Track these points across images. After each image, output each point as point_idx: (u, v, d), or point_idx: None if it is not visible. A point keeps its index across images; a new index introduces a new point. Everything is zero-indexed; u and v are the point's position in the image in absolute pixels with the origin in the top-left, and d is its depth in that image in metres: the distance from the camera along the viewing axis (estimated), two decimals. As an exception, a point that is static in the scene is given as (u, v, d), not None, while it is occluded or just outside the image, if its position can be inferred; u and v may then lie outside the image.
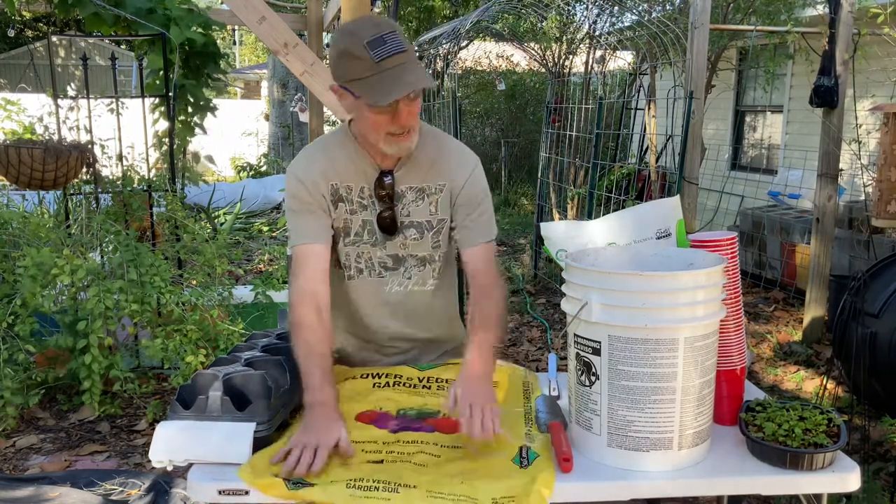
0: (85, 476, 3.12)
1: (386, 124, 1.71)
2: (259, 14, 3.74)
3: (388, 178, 1.83)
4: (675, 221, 1.81)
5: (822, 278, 4.92)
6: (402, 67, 1.64)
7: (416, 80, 1.65)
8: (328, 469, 1.49)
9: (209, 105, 5.25)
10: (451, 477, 1.47)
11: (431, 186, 1.87)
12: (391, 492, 1.40)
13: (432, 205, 1.87)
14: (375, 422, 1.71)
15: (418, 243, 1.89)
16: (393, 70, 1.64)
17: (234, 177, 13.09)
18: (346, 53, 1.67)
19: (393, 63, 1.64)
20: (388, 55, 1.63)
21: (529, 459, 1.53)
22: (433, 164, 1.86)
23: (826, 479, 1.51)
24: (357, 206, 1.86)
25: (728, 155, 8.69)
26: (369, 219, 1.87)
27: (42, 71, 12.83)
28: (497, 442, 1.60)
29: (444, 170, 1.87)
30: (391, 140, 1.74)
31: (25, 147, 3.69)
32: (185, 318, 3.56)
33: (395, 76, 1.64)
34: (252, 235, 7.78)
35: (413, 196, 1.86)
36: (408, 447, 1.59)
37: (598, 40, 6.91)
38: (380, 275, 1.91)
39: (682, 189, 4.60)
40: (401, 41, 1.65)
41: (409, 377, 1.91)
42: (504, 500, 1.40)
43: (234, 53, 26.45)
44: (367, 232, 1.87)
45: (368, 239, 1.88)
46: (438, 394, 1.84)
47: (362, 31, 1.65)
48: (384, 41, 1.63)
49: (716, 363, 1.60)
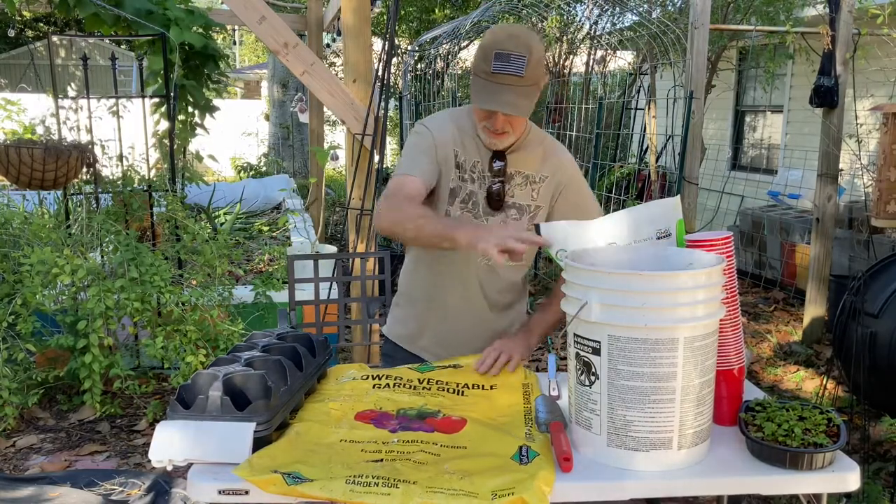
0: (85, 476, 3.12)
1: (483, 119, 1.94)
2: (259, 14, 3.73)
3: (500, 162, 2.01)
4: (675, 221, 1.81)
5: (822, 278, 4.92)
6: (509, 88, 1.83)
7: (511, 106, 1.84)
8: (324, 463, 1.50)
9: (209, 105, 5.26)
10: (451, 474, 1.47)
11: (537, 176, 2.06)
12: (391, 487, 1.41)
13: (535, 191, 2.07)
14: (375, 421, 1.71)
15: (517, 223, 2.06)
16: (500, 86, 1.83)
17: (234, 177, 13.08)
18: (481, 49, 1.87)
19: (504, 80, 1.83)
20: (504, 72, 1.82)
21: (529, 458, 1.53)
22: (540, 158, 2.06)
23: (826, 478, 1.51)
24: (468, 177, 2.04)
25: (728, 155, 8.69)
26: (476, 191, 2.04)
27: (42, 71, 12.84)
28: (497, 441, 1.60)
29: (548, 165, 2.07)
30: (485, 132, 1.96)
31: (25, 147, 3.69)
32: (185, 318, 3.56)
33: (497, 91, 1.84)
34: (252, 235, 7.77)
35: (520, 180, 2.05)
36: (408, 446, 1.59)
37: (598, 40, 6.91)
38: None
39: (682, 189, 4.60)
40: (522, 66, 1.82)
41: (409, 379, 1.92)
42: (503, 492, 1.40)
43: (234, 53, 26.44)
44: (472, 203, 2.05)
45: (472, 209, 2.05)
46: (438, 394, 1.84)
47: (501, 41, 1.84)
48: (509, 59, 1.82)
49: (716, 363, 1.60)
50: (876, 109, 4.13)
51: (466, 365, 2.00)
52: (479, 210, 2.05)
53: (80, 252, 3.65)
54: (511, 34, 1.86)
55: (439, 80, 8.06)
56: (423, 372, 1.95)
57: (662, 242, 1.78)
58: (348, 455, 1.54)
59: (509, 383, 1.92)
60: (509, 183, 2.04)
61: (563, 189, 2.08)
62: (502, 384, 1.91)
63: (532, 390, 1.90)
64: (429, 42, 8.81)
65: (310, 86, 3.84)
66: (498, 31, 1.89)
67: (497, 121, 1.91)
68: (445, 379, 1.92)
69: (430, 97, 7.91)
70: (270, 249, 6.45)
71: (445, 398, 1.84)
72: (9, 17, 13.36)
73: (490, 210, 2.04)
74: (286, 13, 8.01)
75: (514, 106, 1.85)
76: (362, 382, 1.90)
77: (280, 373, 1.71)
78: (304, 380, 1.77)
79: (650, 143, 7.00)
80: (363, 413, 1.75)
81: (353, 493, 1.39)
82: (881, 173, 3.73)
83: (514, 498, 1.38)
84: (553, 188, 2.08)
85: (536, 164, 2.06)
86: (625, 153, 9.17)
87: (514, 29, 1.92)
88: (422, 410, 1.76)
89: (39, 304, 3.37)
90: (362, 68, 3.87)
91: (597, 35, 6.91)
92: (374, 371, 1.95)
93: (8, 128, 5.02)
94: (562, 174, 2.08)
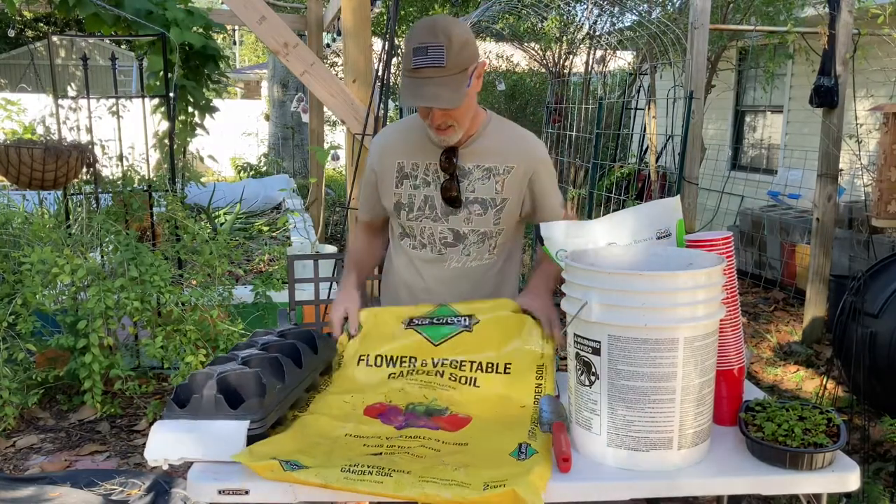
0: (85, 476, 3.12)
1: (425, 117, 1.90)
2: (259, 14, 3.74)
3: (448, 158, 1.97)
4: (675, 221, 1.81)
5: (822, 278, 4.92)
6: (431, 80, 1.77)
7: (434, 98, 1.79)
8: (325, 454, 1.51)
9: (209, 105, 5.26)
10: (446, 465, 1.49)
11: (500, 167, 2.00)
12: (384, 476, 1.42)
13: (499, 184, 2.00)
14: (382, 415, 1.72)
15: (482, 219, 2.01)
16: (423, 80, 1.78)
17: (234, 177, 13.08)
18: (404, 48, 1.84)
19: (425, 73, 1.78)
20: (423, 66, 1.78)
21: (528, 454, 1.54)
22: (503, 148, 2.00)
23: (826, 478, 1.51)
24: (421, 181, 2.02)
25: (728, 155, 8.69)
26: (432, 194, 2.01)
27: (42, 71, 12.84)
28: (499, 438, 1.61)
29: (514, 154, 2.00)
30: (431, 130, 1.92)
31: (25, 147, 3.69)
32: (185, 318, 3.56)
33: (420, 85, 1.79)
34: (252, 235, 7.77)
35: (480, 174, 2.00)
36: (409, 441, 1.60)
37: (598, 40, 6.91)
38: (440, 251, 2.04)
39: (682, 189, 4.60)
40: (442, 56, 1.77)
41: (423, 360, 1.90)
42: (495, 484, 1.40)
43: (235, 54, 26.43)
44: (429, 207, 2.02)
45: (430, 214, 2.02)
46: (450, 386, 1.84)
47: (418, 35, 1.80)
48: (427, 52, 1.77)
49: (716, 363, 1.60)
50: (876, 109, 4.13)
51: (484, 320, 1.94)
52: (437, 212, 2.01)
53: (80, 252, 3.65)
54: (428, 26, 1.80)
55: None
56: (438, 342, 1.92)
57: (662, 242, 1.78)
58: (350, 448, 1.56)
59: (525, 363, 1.89)
60: (468, 178, 1.99)
61: (532, 175, 2.02)
62: (518, 364, 1.88)
63: (547, 372, 1.87)
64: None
65: (310, 86, 3.84)
66: (416, 26, 1.83)
67: (435, 117, 1.87)
68: (461, 355, 1.89)
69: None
70: (270, 249, 6.45)
71: (457, 391, 1.83)
72: (9, 17, 13.36)
73: (449, 209, 2.01)
74: (286, 13, 8.01)
75: (438, 98, 1.79)
76: (377, 370, 1.90)
77: (276, 370, 1.71)
78: (304, 375, 1.76)
79: (650, 143, 7.00)
80: (372, 406, 1.75)
81: (347, 481, 1.41)
82: (881, 173, 3.73)
83: (506, 490, 1.38)
84: (521, 177, 2.01)
85: (499, 155, 2.00)
86: (625, 153, 9.17)
87: (431, 20, 1.84)
88: (430, 407, 1.76)
89: (39, 304, 3.37)
90: (362, 68, 3.87)
91: (596, 35, 6.91)
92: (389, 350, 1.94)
93: (8, 128, 5.02)
94: (530, 161, 2.02)
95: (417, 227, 2.04)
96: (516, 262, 2.18)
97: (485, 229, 2.02)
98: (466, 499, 1.37)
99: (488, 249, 2.05)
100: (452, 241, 2.03)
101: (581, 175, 7.00)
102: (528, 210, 2.06)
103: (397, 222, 2.09)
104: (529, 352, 1.91)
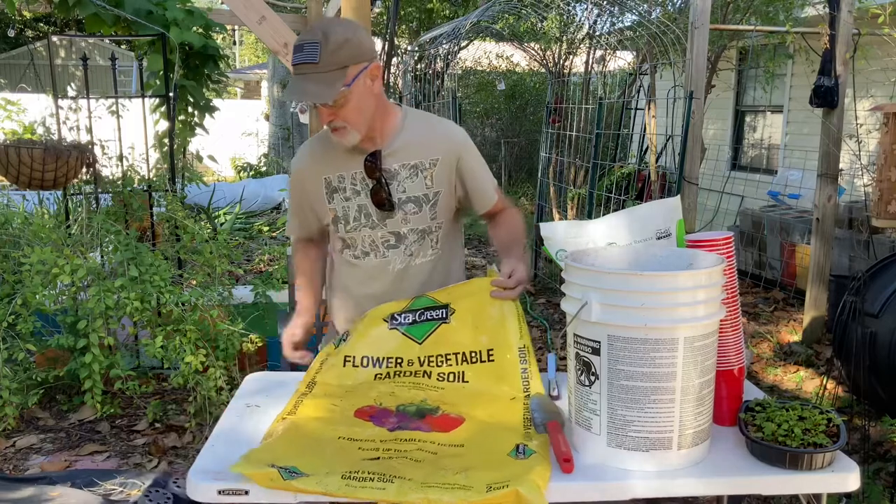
0: (85, 476, 3.12)
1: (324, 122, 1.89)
2: (259, 14, 3.74)
3: (370, 161, 1.95)
4: (675, 221, 1.81)
5: (822, 278, 4.92)
6: (306, 77, 1.79)
7: (304, 93, 1.82)
8: (323, 460, 1.50)
9: (209, 105, 5.25)
10: (446, 470, 1.48)
11: (425, 162, 1.99)
12: (386, 482, 1.41)
13: (427, 178, 1.99)
14: (374, 417, 1.72)
15: (417, 216, 2.01)
16: (299, 76, 1.80)
17: (234, 177, 13.09)
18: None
19: (302, 70, 1.79)
20: (299, 62, 1.79)
21: (526, 455, 1.54)
22: (424, 142, 1.99)
23: (826, 479, 1.51)
24: (351, 192, 1.99)
25: (728, 155, 8.69)
26: (364, 202, 1.99)
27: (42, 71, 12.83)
28: (494, 439, 1.61)
29: (436, 145, 2.00)
30: (331, 133, 1.91)
31: (25, 147, 3.69)
32: (185, 317, 3.56)
33: (296, 82, 1.81)
34: (252, 235, 7.78)
35: (407, 173, 1.98)
36: (405, 444, 1.59)
37: (598, 40, 6.91)
38: (384, 255, 2.03)
39: (682, 189, 4.60)
40: (315, 53, 1.77)
41: (409, 359, 1.90)
42: (498, 485, 1.40)
43: (235, 54, 26.43)
44: (364, 215, 2.00)
45: (366, 222, 2.00)
46: (438, 386, 1.84)
47: (301, 35, 1.83)
48: (302, 49, 1.79)
49: (716, 363, 1.60)
50: (876, 109, 4.12)
51: (460, 309, 1.93)
52: (372, 219, 2.00)
53: (80, 252, 3.65)
54: (311, 26, 1.85)
55: (439, 80, 8.05)
56: (422, 339, 1.91)
57: (662, 242, 1.78)
58: (346, 453, 1.55)
59: (505, 347, 1.87)
60: (395, 179, 1.98)
61: (458, 162, 2.01)
62: (499, 349, 1.87)
63: (529, 353, 1.86)
64: (428, 42, 8.81)
65: (310, 86, 3.83)
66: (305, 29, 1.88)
67: (321, 115, 1.87)
68: (445, 349, 1.89)
69: (430, 97, 7.91)
70: (270, 249, 6.45)
71: (446, 391, 1.83)
72: (9, 17, 13.36)
73: (384, 213, 1.99)
74: (286, 13, 8.00)
75: (305, 92, 1.81)
76: (363, 371, 1.89)
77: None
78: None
79: (650, 143, 6.99)
80: (362, 409, 1.75)
81: (349, 488, 1.40)
82: (881, 173, 3.73)
83: (509, 490, 1.38)
84: (448, 166, 2.00)
85: (421, 149, 1.99)
86: (625, 153, 9.17)
87: (318, 21, 1.86)
88: (421, 407, 1.76)
89: (39, 304, 3.37)
90: (362, 68, 3.86)
91: (596, 35, 6.91)
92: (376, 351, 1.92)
93: (8, 128, 5.02)
94: (453, 148, 2.01)
95: (358, 237, 2.03)
96: (459, 254, 2.18)
97: (423, 226, 2.02)
98: (470, 501, 1.37)
99: (430, 245, 2.05)
100: (394, 243, 2.03)
101: (581, 175, 7.00)
102: (461, 196, 2.06)
103: (337, 236, 2.08)
104: (507, 334, 1.89)
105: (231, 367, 3.62)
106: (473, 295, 1.93)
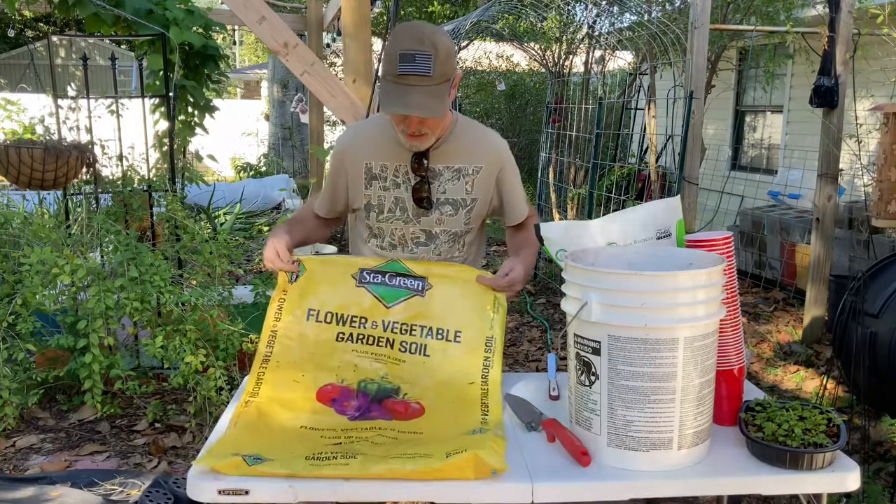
0: (85, 476, 3.11)
1: (399, 123, 1.89)
2: (259, 14, 3.74)
3: (418, 160, 1.96)
4: (676, 221, 1.81)
5: (822, 278, 4.92)
6: (417, 89, 1.76)
7: (420, 107, 1.77)
8: (285, 447, 1.54)
9: (209, 105, 5.25)
10: (406, 446, 1.55)
11: (468, 168, 2.02)
12: (349, 458, 1.47)
13: (468, 184, 2.03)
14: (335, 402, 1.75)
15: (453, 219, 2.04)
16: (408, 87, 1.76)
17: (234, 177, 13.09)
18: (386, 52, 1.82)
19: (411, 81, 1.77)
20: (410, 73, 1.76)
21: (482, 433, 1.60)
22: (470, 148, 2.02)
23: (826, 478, 1.51)
24: (391, 183, 2.00)
25: (728, 155, 8.69)
26: (403, 196, 2.01)
27: (42, 71, 12.83)
28: (453, 425, 1.66)
29: (481, 154, 2.03)
30: (404, 136, 1.91)
31: (25, 147, 3.69)
32: (185, 317, 3.56)
33: (405, 93, 1.76)
34: (252, 235, 7.78)
35: (450, 175, 2.01)
36: (366, 432, 1.64)
37: (597, 40, 6.91)
38: (412, 251, 2.05)
39: (682, 189, 4.60)
40: (429, 66, 1.76)
41: (373, 321, 1.90)
42: (457, 451, 1.45)
43: (235, 53, 26.43)
44: (400, 208, 2.02)
45: (401, 216, 2.02)
46: (399, 358, 1.86)
47: (405, 41, 1.77)
48: (414, 60, 1.75)
49: (716, 363, 1.60)
50: (876, 109, 4.12)
51: (437, 286, 1.93)
52: (407, 214, 2.02)
53: (80, 252, 3.65)
54: (414, 34, 1.79)
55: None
56: (390, 304, 1.91)
57: (662, 242, 1.78)
58: (308, 440, 1.60)
59: (474, 332, 1.89)
60: (438, 179, 2.00)
61: (499, 173, 2.05)
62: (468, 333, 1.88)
63: (496, 343, 1.87)
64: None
65: (310, 86, 3.84)
66: (401, 32, 1.82)
67: (411, 124, 1.86)
68: (412, 320, 1.89)
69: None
70: (270, 249, 6.42)
71: (407, 364, 1.84)
72: (9, 17, 13.36)
73: (421, 211, 2.01)
74: (286, 13, 8.01)
75: (423, 107, 1.78)
76: (326, 328, 1.89)
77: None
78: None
79: (650, 143, 6.99)
80: (325, 389, 1.78)
81: (313, 467, 1.44)
82: (881, 173, 3.73)
83: (468, 454, 1.43)
84: (490, 175, 2.04)
85: (467, 155, 2.02)
86: (625, 153, 9.17)
87: (417, 27, 1.82)
88: (382, 385, 1.79)
89: (39, 304, 3.37)
90: (362, 68, 3.87)
91: (596, 35, 6.91)
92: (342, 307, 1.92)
93: (8, 128, 5.02)
94: (497, 160, 2.05)
95: (388, 228, 2.05)
96: (481, 256, 2.22)
97: (456, 229, 2.05)
98: (431, 467, 1.42)
99: (458, 248, 2.09)
100: (424, 241, 2.05)
101: (581, 175, 7.00)
102: (495, 207, 2.09)
103: (365, 223, 2.09)
104: (479, 321, 1.91)
105: (231, 367, 3.62)
106: (453, 281, 1.94)
